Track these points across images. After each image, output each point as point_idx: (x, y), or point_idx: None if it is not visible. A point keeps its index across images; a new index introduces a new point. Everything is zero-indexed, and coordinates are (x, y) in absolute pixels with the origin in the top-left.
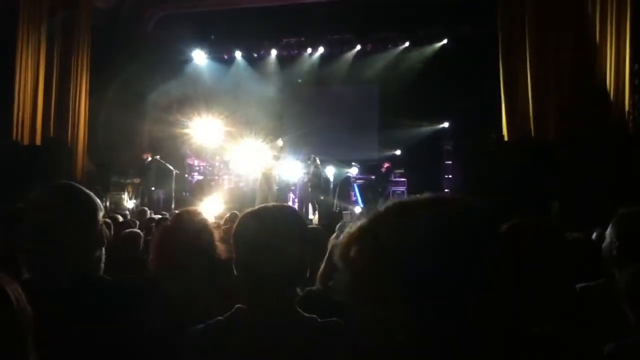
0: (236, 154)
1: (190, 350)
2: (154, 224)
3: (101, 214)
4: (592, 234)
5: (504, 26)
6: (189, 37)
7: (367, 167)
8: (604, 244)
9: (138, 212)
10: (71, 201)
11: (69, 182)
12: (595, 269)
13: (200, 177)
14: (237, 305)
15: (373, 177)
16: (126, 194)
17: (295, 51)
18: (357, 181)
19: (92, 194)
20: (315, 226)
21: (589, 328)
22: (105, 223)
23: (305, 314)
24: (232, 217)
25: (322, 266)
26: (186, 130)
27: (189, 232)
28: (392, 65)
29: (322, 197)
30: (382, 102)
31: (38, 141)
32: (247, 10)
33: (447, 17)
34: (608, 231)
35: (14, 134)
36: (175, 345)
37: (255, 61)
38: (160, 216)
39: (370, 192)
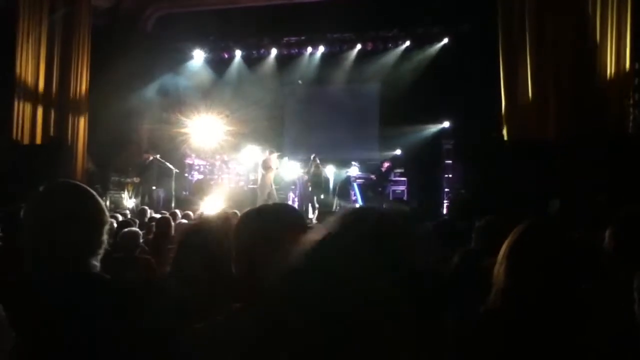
0: (236, 154)
1: (190, 349)
2: (153, 223)
3: (104, 213)
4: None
5: (505, 26)
6: (188, 36)
7: (367, 167)
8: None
9: (138, 212)
10: (73, 200)
11: (72, 181)
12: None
13: (200, 177)
14: (235, 304)
15: (373, 176)
16: (126, 193)
17: (296, 50)
18: (357, 180)
19: (95, 193)
20: (315, 225)
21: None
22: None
23: None
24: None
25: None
26: (186, 130)
27: (215, 235)
28: (392, 65)
29: (322, 197)
30: (383, 102)
31: (38, 140)
32: (247, 9)
33: (447, 16)
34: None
35: (14, 134)
36: (175, 345)
37: (255, 60)
38: (160, 215)
39: (370, 191)
